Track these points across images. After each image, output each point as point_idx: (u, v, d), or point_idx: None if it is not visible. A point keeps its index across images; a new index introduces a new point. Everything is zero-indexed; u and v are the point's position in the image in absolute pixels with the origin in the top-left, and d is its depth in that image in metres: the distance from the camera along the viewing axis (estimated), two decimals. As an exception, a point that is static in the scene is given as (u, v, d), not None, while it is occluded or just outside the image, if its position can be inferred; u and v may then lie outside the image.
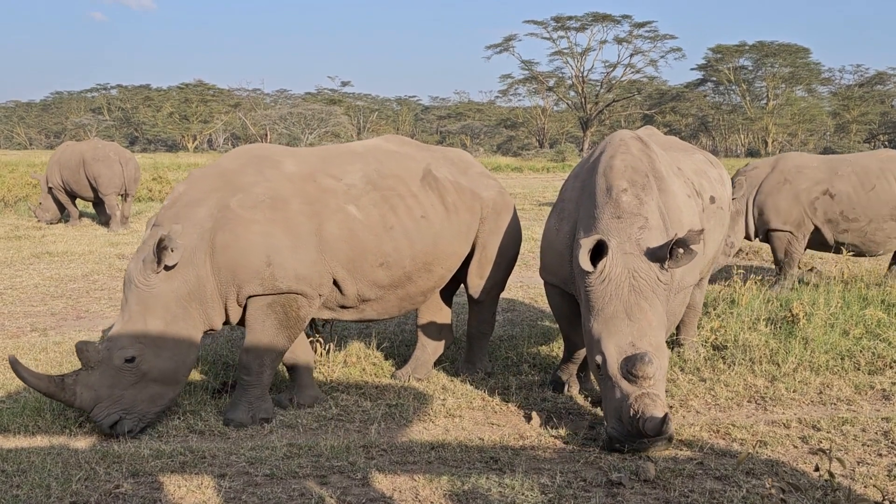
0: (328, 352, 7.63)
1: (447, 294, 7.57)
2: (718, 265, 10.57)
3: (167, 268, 5.81)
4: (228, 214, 6.02)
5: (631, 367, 5.25)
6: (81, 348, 5.78)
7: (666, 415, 5.19)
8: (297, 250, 6.09)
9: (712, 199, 6.64)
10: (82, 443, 5.75)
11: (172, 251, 5.72)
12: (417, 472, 5.16)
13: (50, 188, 19.09)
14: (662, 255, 5.50)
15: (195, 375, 7.30)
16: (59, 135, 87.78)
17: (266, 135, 66.66)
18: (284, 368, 6.99)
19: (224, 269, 5.98)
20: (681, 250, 5.44)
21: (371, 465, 5.27)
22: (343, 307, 6.60)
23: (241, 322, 6.32)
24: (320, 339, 7.65)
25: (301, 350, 6.68)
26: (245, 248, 5.97)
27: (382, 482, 5.02)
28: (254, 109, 78.69)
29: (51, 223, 19.15)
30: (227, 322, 6.25)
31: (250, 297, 6.11)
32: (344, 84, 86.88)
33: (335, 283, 6.37)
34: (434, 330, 7.41)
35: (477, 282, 7.22)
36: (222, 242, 5.97)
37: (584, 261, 5.47)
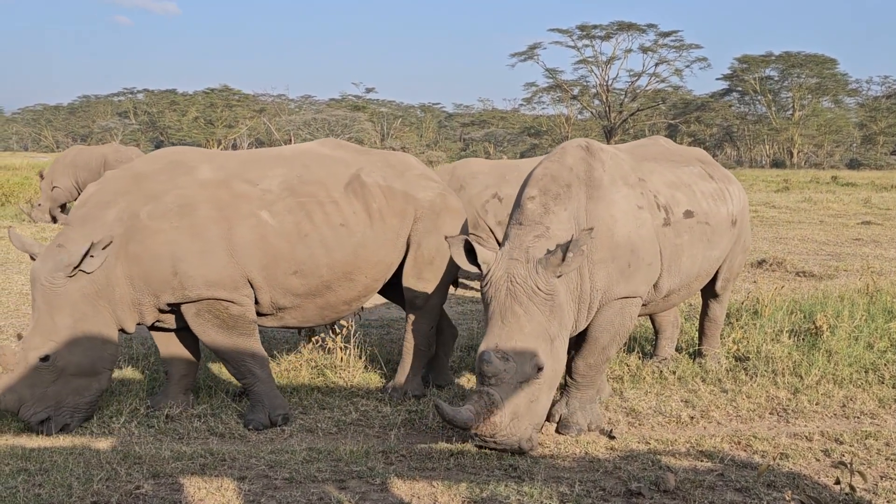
0: (349, 357, 7.65)
1: None
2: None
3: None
4: (137, 224, 5.99)
5: (477, 364, 5.46)
6: None
7: (475, 415, 5.33)
8: (205, 256, 6.02)
9: (689, 214, 6.49)
10: (104, 443, 5.81)
11: (90, 257, 5.78)
12: (436, 479, 5.16)
13: (55, 188, 19.25)
14: (548, 261, 5.52)
15: (215, 378, 7.36)
16: (86, 138, 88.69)
17: (290, 140, 67.05)
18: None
19: (137, 278, 6.00)
20: (570, 253, 5.45)
21: (390, 471, 5.28)
22: (261, 314, 6.46)
23: (186, 327, 6.34)
24: (341, 345, 7.67)
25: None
26: (152, 258, 5.96)
27: (401, 488, 5.03)
28: (278, 115, 79.19)
29: (48, 223, 19.31)
30: (140, 323, 6.24)
31: (175, 304, 6.14)
32: (368, 90, 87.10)
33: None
34: (439, 331, 7.38)
35: (413, 282, 6.87)
36: (133, 253, 5.97)
37: (459, 259, 5.80)
